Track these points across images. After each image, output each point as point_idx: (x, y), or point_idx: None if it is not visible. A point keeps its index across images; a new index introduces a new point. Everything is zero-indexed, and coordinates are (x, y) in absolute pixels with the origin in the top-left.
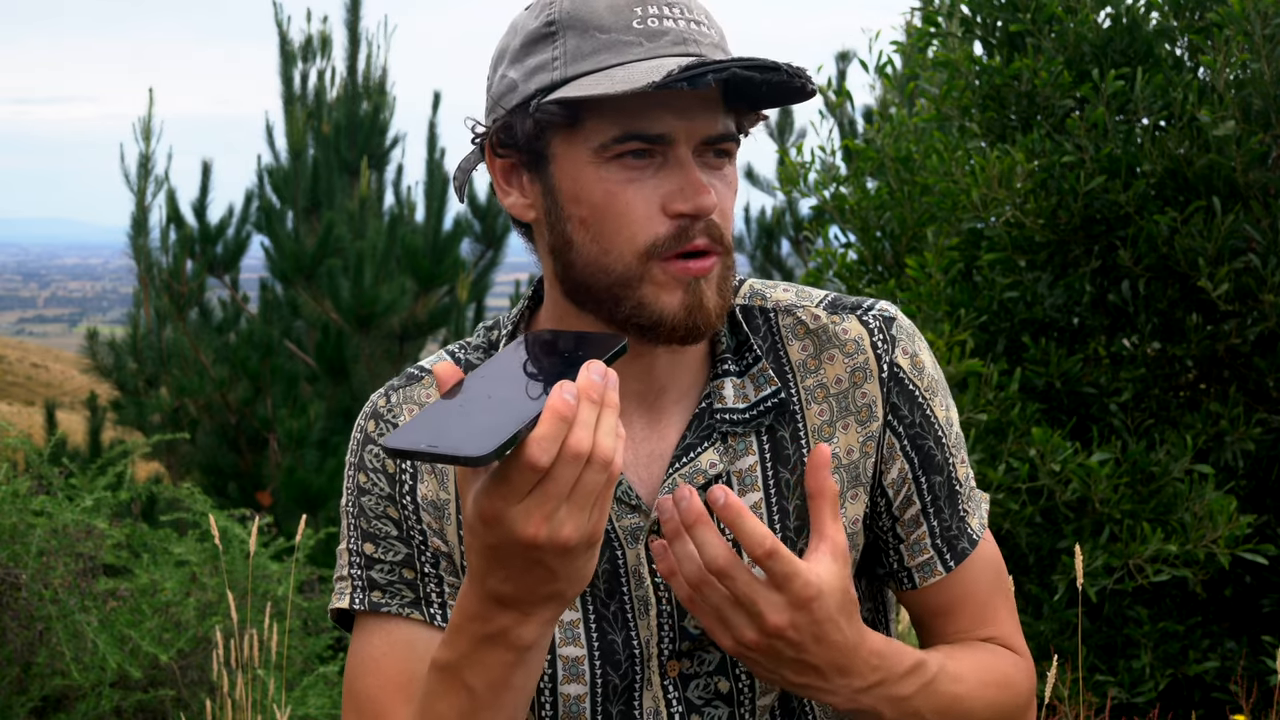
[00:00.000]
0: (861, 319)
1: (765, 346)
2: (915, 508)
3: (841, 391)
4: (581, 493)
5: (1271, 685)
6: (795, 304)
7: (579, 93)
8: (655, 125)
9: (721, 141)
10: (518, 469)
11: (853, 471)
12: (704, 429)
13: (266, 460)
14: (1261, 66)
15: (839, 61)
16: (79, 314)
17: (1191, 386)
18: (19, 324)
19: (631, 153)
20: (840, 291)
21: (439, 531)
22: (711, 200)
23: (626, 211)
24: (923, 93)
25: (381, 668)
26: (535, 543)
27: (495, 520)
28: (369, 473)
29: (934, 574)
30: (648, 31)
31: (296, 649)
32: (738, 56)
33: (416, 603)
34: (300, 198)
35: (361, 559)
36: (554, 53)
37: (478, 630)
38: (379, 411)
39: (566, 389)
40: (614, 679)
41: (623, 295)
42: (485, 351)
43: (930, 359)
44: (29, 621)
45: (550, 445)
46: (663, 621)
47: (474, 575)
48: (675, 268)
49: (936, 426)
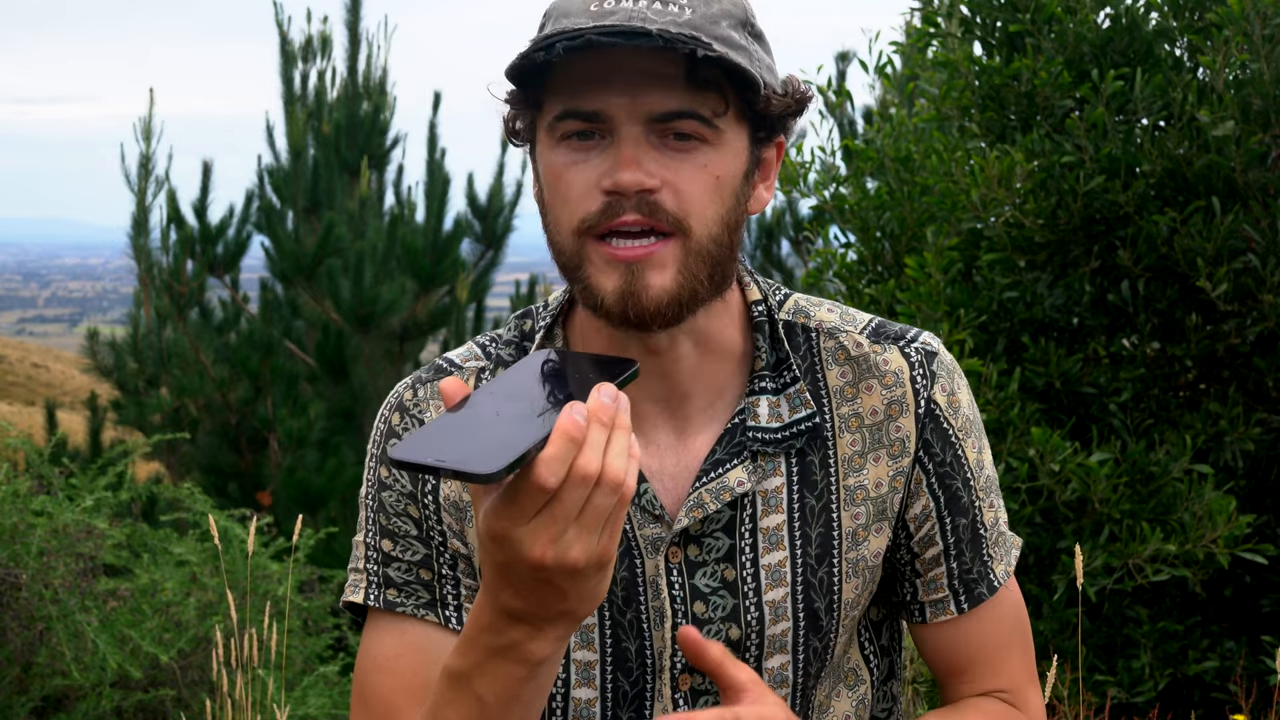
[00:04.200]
0: (904, 351)
1: (804, 367)
2: (936, 548)
3: (876, 423)
4: (590, 515)
5: (1271, 685)
6: (839, 327)
7: (498, 90)
8: (590, 101)
9: (676, 119)
10: (526, 490)
11: (879, 505)
12: (734, 445)
13: (266, 460)
14: (1261, 66)
15: (839, 61)
16: (79, 314)
17: (1191, 386)
18: (19, 324)
19: (577, 133)
20: (841, 291)
21: (459, 533)
22: (635, 176)
23: (567, 190)
24: (922, 93)
25: (395, 668)
26: (542, 564)
27: (503, 539)
28: (391, 468)
29: (945, 612)
30: (598, 13)
31: (296, 649)
32: (614, 24)
33: (432, 604)
34: (300, 198)
35: (379, 555)
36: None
37: (490, 642)
38: (405, 404)
39: (577, 410)
40: (625, 686)
41: (574, 276)
42: (517, 346)
43: (968, 398)
44: (29, 621)
45: (559, 466)
46: (677, 634)
47: (487, 588)
48: (603, 249)
49: (966, 468)
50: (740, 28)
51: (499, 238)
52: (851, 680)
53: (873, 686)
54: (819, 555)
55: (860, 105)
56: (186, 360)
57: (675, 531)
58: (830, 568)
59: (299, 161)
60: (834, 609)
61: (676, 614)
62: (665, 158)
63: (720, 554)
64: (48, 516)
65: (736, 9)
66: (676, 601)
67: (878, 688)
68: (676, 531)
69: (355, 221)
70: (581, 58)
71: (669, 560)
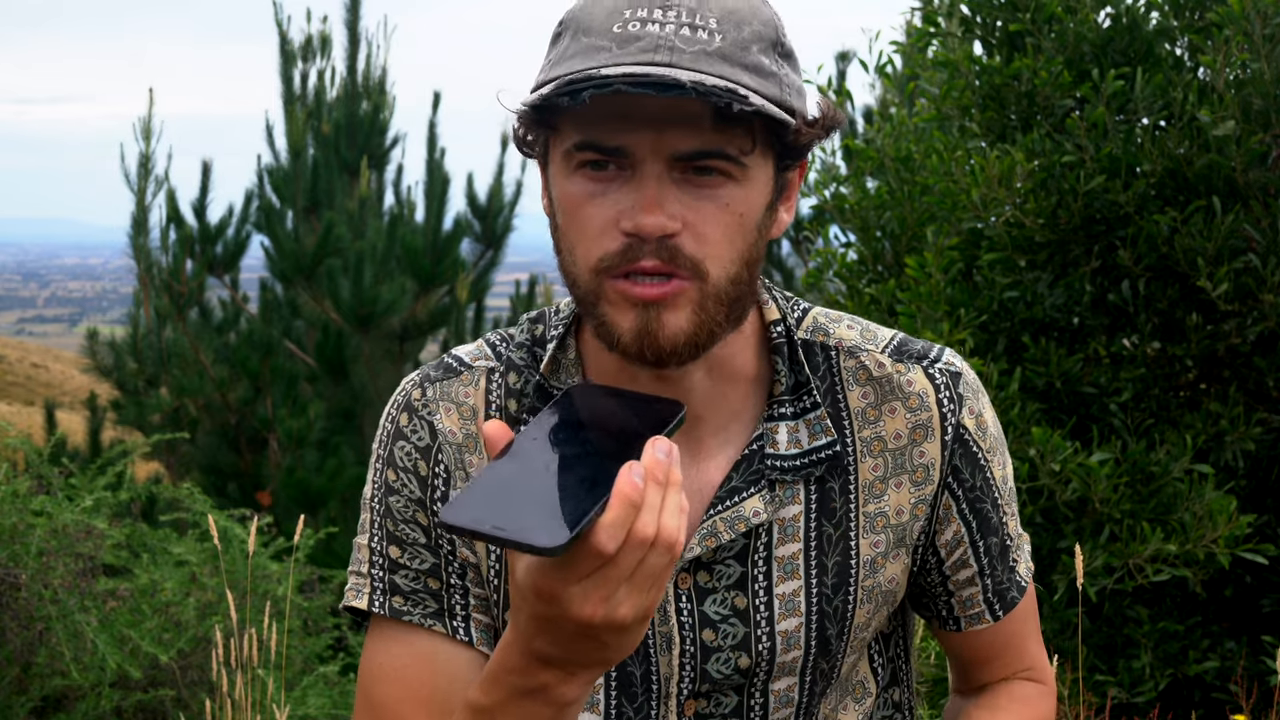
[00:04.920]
0: (928, 372)
1: (824, 389)
2: (970, 570)
3: (900, 448)
4: (643, 575)
5: (1271, 685)
6: (860, 346)
7: (509, 101)
8: (612, 137)
9: (699, 159)
10: (583, 554)
11: (899, 532)
12: (752, 473)
13: (266, 460)
14: (1261, 66)
15: (839, 61)
16: (79, 314)
17: (1191, 386)
18: (19, 324)
19: (592, 163)
20: (841, 291)
21: (468, 541)
22: (657, 221)
23: (586, 223)
24: (923, 93)
25: (403, 678)
26: (591, 622)
27: (551, 599)
28: (399, 471)
29: (981, 622)
30: (622, 36)
31: (296, 649)
32: (642, 75)
33: (440, 614)
34: (300, 198)
35: (385, 560)
36: (552, 53)
37: (517, 683)
38: (413, 404)
39: (635, 471)
40: (629, 711)
41: (589, 310)
42: (528, 350)
43: (992, 415)
44: (29, 621)
45: (618, 532)
46: (685, 661)
47: (520, 634)
48: (620, 287)
49: (994, 487)
50: (770, 50)
51: (499, 238)
52: (859, 693)
53: (877, 695)
54: (835, 584)
55: (860, 105)
56: (186, 360)
57: (686, 559)
58: (846, 596)
59: (299, 161)
60: (845, 634)
61: (685, 640)
62: (687, 196)
63: (731, 581)
64: (47, 516)
65: (767, 29)
66: (685, 628)
67: (880, 695)
68: (688, 559)
69: (355, 221)
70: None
71: (678, 586)
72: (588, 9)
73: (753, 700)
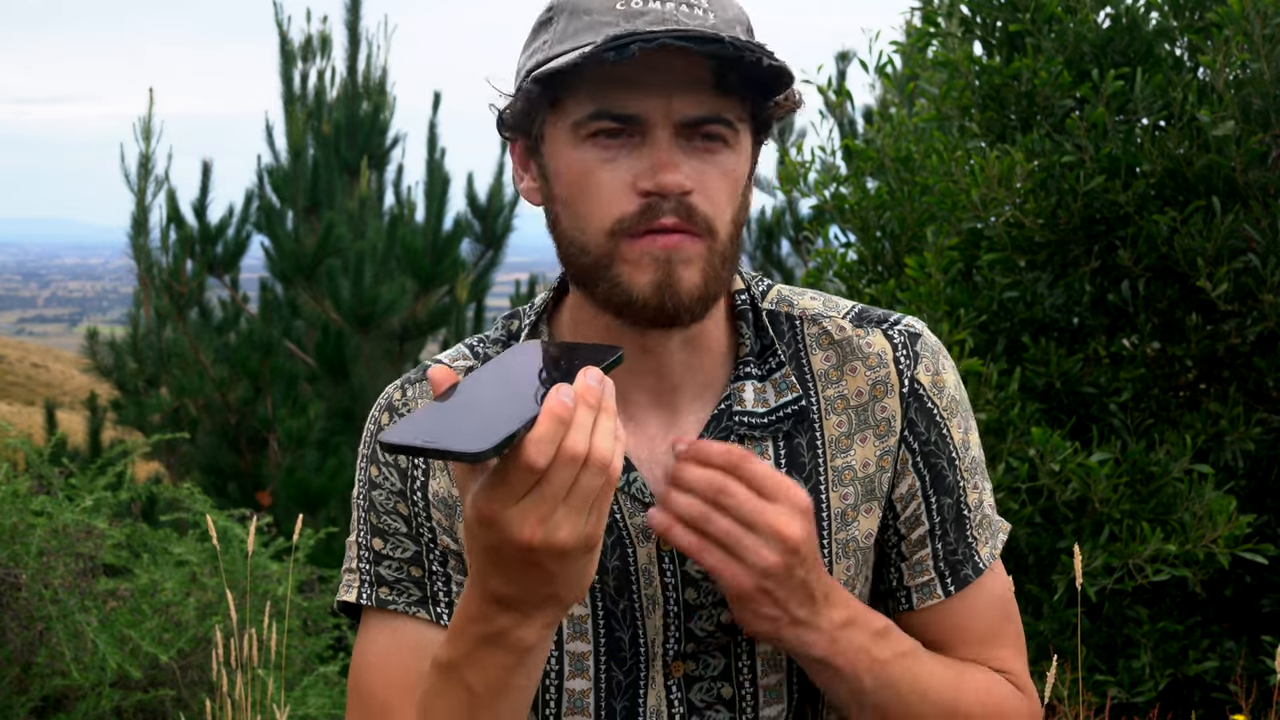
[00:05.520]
0: (886, 333)
1: (789, 353)
2: (923, 528)
3: (861, 404)
4: (578, 496)
5: (1271, 685)
6: (822, 313)
7: (539, 69)
8: (627, 105)
9: (705, 124)
10: (515, 470)
11: (868, 485)
12: (721, 430)
13: (266, 460)
14: (1261, 66)
15: (839, 61)
16: (79, 314)
17: (1191, 386)
18: (19, 324)
19: (605, 132)
20: (841, 291)
21: (449, 529)
22: (677, 179)
23: (598, 190)
24: (923, 93)
25: (387, 665)
26: (531, 545)
27: (492, 521)
28: (381, 466)
29: (932, 596)
30: (627, 12)
31: (296, 649)
32: (684, 29)
33: (423, 601)
34: (300, 198)
35: (370, 554)
36: (546, 35)
37: (478, 631)
38: (394, 404)
39: (564, 392)
40: (618, 676)
41: (600, 275)
42: (504, 345)
43: (954, 379)
44: (29, 621)
45: (547, 447)
46: (669, 621)
47: (474, 576)
48: (642, 243)
49: (951, 447)
50: (748, 33)
51: (499, 238)
52: None
53: None
54: None
55: (860, 105)
56: (186, 360)
57: None
58: (820, 550)
59: (299, 161)
60: None
61: (669, 601)
62: (695, 160)
63: None
64: (47, 516)
65: (742, 15)
66: (669, 589)
67: None
68: None
69: (355, 221)
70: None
71: (660, 548)
72: None
73: (740, 662)
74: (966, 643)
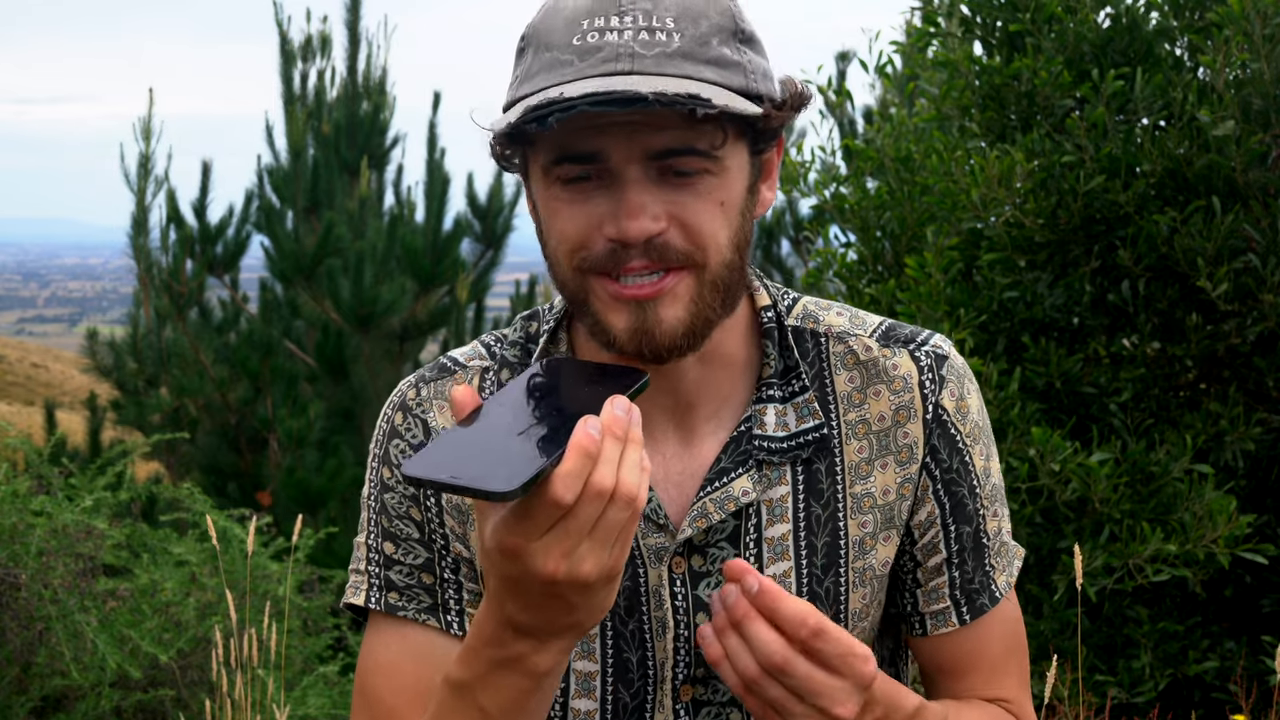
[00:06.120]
0: (913, 355)
1: (812, 374)
2: (940, 556)
3: (884, 429)
4: (603, 530)
5: (1271, 685)
6: (848, 331)
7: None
8: (588, 143)
9: (672, 156)
10: (541, 505)
11: (887, 513)
12: (740, 454)
13: (266, 460)
14: (1261, 66)
15: (839, 61)
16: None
17: (1191, 386)
18: (19, 324)
19: (573, 176)
20: (841, 291)
21: (462, 536)
22: (640, 226)
23: (565, 230)
24: (923, 93)
25: (397, 672)
26: (554, 578)
27: (515, 555)
28: (394, 469)
29: (947, 624)
30: (582, 49)
31: (296, 649)
32: (606, 92)
33: (434, 609)
34: (300, 198)
35: (380, 557)
36: (518, 70)
37: (494, 654)
38: (408, 404)
39: (591, 424)
40: (625, 697)
41: (580, 309)
42: (522, 347)
43: (978, 404)
44: (29, 621)
45: (575, 482)
46: (679, 645)
47: (491, 600)
48: (610, 288)
49: (973, 474)
50: (731, 39)
51: (499, 238)
52: None
53: None
54: (825, 565)
55: (860, 105)
56: (186, 360)
57: (679, 541)
58: (836, 578)
59: (299, 161)
60: (841, 619)
61: (679, 625)
62: (668, 192)
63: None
64: (47, 516)
65: (725, 19)
66: (679, 612)
67: None
68: (680, 541)
69: (355, 221)
70: (540, 129)
71: (672, 570)
72: (547, 22)
73: None
74: (977, 669)
